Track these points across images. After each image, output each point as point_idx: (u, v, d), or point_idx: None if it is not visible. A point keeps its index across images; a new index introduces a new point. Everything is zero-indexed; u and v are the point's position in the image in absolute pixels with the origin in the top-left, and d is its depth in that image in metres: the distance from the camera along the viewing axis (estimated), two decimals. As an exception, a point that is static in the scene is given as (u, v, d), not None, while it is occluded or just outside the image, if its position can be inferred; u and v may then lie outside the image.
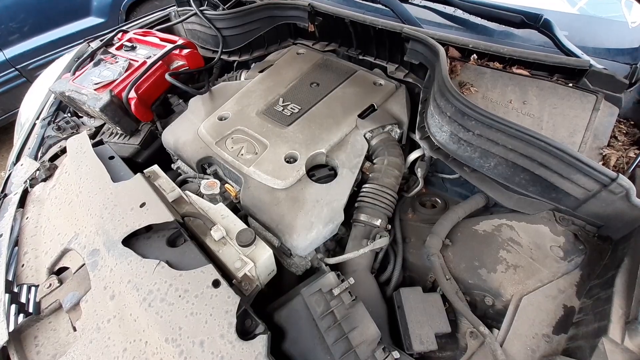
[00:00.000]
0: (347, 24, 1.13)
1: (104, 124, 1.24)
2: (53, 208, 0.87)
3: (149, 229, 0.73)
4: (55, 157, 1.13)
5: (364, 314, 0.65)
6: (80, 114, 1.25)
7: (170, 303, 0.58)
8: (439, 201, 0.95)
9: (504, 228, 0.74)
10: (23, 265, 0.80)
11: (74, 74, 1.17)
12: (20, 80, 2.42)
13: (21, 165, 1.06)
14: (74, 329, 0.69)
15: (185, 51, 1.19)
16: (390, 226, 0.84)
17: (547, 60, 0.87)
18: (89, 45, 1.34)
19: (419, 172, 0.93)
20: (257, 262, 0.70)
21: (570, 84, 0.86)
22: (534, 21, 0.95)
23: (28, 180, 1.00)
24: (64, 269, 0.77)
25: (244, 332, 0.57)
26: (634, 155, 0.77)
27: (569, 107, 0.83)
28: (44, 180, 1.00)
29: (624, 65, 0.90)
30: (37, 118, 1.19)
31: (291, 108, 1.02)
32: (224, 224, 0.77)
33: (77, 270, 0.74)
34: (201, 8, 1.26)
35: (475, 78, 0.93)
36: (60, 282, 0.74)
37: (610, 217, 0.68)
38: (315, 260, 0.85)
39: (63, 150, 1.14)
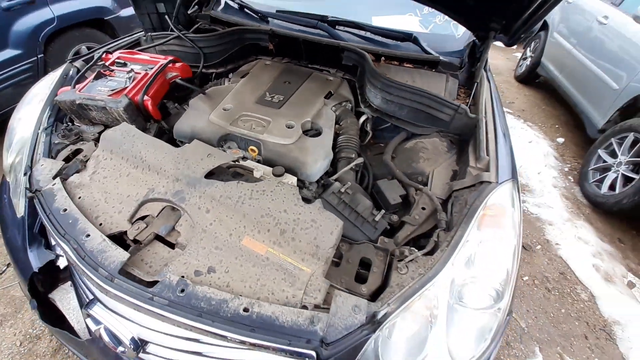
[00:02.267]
0: (300, 42, 1.65)
1: (104, 129, 1.41)
2: (108, 184, 1.08)
3: (212, 173, 1.06)
4: (67, 159, 1.26)
5: (361, 196, 1.13)
6: (79, 123, 1.39)
7: (256, 198, 0.94)
8: (382, 145, 1.53)
9: (418, 143, 1.35)
10: (101, 224, 0.99)
11: (74, 87, 1.34)
12: None
13: (42, 165, 1.17)
14: (172, 248, 0.95)
15: (178, 64, 1.51)
16: (361, 157, 1.36)
17: (420, 58, 1.57)
18: (73, 65, 1.49)
19: (369, 126, 1.50)
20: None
21: (433, 70, 1.58)
22: (409, 37, 1.66)
23: (59, 175, 1.14)
24: (144, 217, 1.01)
25: (304, 205, 0.97)
26: (467, 102, 1.49)
27: (435, 82, 1.53)
28: (78, 172, 1.16)
29: (456, 58, 1.67)
30: (39, 129, 1.29)
31: (277, 97, 1.46)
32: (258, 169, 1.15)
33: (160, 212, 1.00)
34: (183, 32, 1.60)
35: (386, 70, 1.56)
36: (146, 224, 0.98)
37: (462, 128, 1.35)
38: (316, 193, 1.29)
39: (75, 153, 1.29)
